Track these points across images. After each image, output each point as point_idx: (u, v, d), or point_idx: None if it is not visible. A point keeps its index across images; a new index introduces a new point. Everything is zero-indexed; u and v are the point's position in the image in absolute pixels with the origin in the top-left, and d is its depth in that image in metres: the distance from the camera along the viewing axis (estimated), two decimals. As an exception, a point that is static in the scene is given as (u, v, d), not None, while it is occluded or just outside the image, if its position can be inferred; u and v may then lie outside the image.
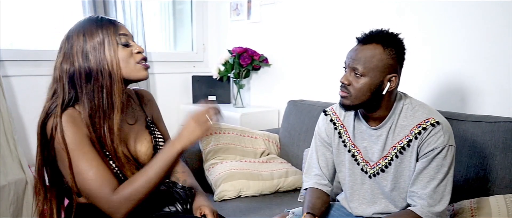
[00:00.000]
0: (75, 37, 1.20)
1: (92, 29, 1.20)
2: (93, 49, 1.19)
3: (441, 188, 1.29)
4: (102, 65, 1.19)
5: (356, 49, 1.32)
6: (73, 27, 1.23)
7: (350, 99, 1.33)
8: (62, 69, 1.20)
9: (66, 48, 1.21)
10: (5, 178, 2.08)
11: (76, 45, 1.19)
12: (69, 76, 1.19)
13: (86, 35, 1.19)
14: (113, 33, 1.22)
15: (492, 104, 1.81)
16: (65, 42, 1.22)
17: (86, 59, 1.18)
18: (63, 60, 1.20)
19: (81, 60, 1.18)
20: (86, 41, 1.19)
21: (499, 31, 1.77)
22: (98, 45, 1.19)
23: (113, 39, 1.21)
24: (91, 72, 1.19)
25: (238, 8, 3.05)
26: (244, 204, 1.97)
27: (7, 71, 2.36)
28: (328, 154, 1.54)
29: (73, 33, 1.21)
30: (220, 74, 2.94)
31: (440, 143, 1.27)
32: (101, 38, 1.20)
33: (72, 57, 1.19)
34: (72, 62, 1.19)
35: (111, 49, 1.20)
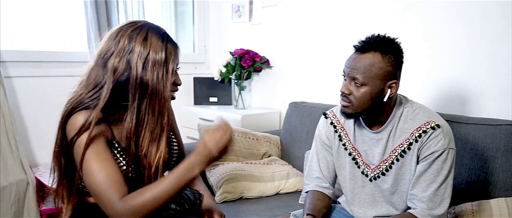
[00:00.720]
0: (138, 41, 1.15)
1: (157, 42, 1.17)
2: (154, 64, 1.15)
3: (441, 191, 1.29)
4: (159, 87, 1.16)
5: (354, 58, 1.31)
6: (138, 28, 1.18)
7: (352, 108, 1.33)
8: (116, 68, 1.15)
9: (126, 48, 1.15)
10: (6, 179, 2.08)
11: (138, 51, 1.15)
12: (120, 79, 1.15)
13: (151, 46, 1.16)
14: (173, 58, 1.20)
15: (493, 107, 1.81)
16: (125, 40, 1.16)
17: (144, 70, 1.15)
18: (120, 59, 1.15)
19: (140, 68, 1.14)
20: (149, 52, 1.15)
21: (500, 34, 1.77)
22: (159, 63, 1.16)
23: (172, 64, 1.19)
24: (147, 86, 1.16)
25: (240, 10, 3.05)
26: (246, 206, 1.97)
27: (8, 72, 2.37)
28: (328, 157, 1.54)
29: (138, 36, 1.16)
30: (221, 76, 2.94)
31: (440, 146, 1.27)
32: (164, 56, 1.16)
33: (131, 61, 1.14)
34: (130, 66, 1.15)
35: (169, 75, 1.18)
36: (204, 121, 2.86)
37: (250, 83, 3.08)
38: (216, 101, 3.11)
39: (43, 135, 2.45)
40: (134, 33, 1.17)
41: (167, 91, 1.18)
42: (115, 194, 1.12)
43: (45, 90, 2.46)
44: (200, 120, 2.89)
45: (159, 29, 1.21)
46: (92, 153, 1.14)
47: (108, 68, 1.15)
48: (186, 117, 3.09)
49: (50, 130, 1.28)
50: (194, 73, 3.18)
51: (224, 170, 2.11)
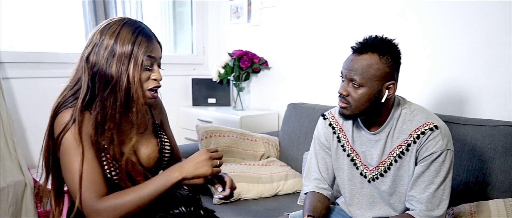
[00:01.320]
0: (108, 34, 1.16)
1: (127, 35, 1.17)
2: (120, 56, 1.15)
3: (439, 192, 1.29)
4: (122, 78, 1.16)
5: (351, 59, 1.31)
6: (111, 23, 1.19)
7: (350, 109, 1.33)
8: (88, 61, 1.17)
9: (97, 41, 1.17)
10: (4, 180, 2.08)
11: (107, 43, 1.16)
12: (92, 73, 1.17)
13: (119, 39, 1.16)
14: (143, 51, 1.18)
15: (492, 108, 1.81)
16: (98, 35, 1.18)
17: (108, 63, 1.15)
18: (91, 51, 1.17)
19: (105, 62, 1.15)
20: (117, 44, 1.16)
21: (499, 35, 1.77)
22: (125, 56, 1.16)
23: (141, 57, 1.17)
24: (110, 79, 1.16)
25: (238, 11, 3.05)
26: (244, 207, 1.97)
27: (7, 73, 2.36)
28: (327, 158, 1.54)
29: (109, 29, 1.17)
30: (220, 77, 2.94)
31: (439, 147, 1.27)
32: (130, 48, 1.16)
33: (99, 53, 1.16)
34: (98, 58, 1.16)
35: (137, 67, 1.17)
36: (202, 122, 2.86)
37: (249, 85, 3.08)
38: (214, 102, 3.11)
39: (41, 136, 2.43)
40: (107, 27, 1.18)
41: (134, 85, 1.17)
42: (93, 194, 1.13)
43: (43, 91, 2.45)
44: (199, 121, 2.89)
45: (135, 23, 1.21)
46: (74, 151, 1.14)
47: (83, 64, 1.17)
48: (184, 118, 3.09)
49: (48, 131, 1.28)
50: (193, 75, 3.18)
51: (222, 171, 2.11)
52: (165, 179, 1.16)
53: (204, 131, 2.31)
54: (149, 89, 1.22)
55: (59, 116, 1.16)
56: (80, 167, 1.13)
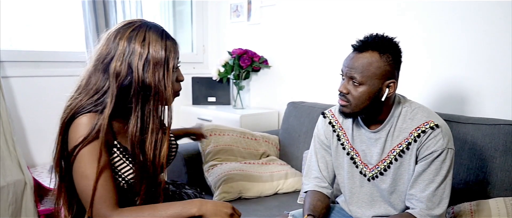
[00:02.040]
0: (138, 43, 1.13)
1: (156, 41, 1.15)
2: (154, 64, 1.14)
3: (440, 191, 1.28)
4: (161, 87, 1.15)
5: (352, 57, 1.31)
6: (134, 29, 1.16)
7: (350, 107, 1.33)
8: (119, 72, 1.13)
9: (126, 50, 1.13)
10: (4, 179, 2.08)
11: (139, 53, 1.13)
12: (123, 83, 1.14)
13: (151, 46, 1.14)
14: (174, 54, 1.18)
15: (492, 107, 1.81)
16: (124, 42, 1.14)
17: (145, 71, 1.13)
18: (121, 63, 1.13)
19: (141, 71, 1.13)
20: (149, 52, 1.13)
21: (499, 34, 1.77)
22: (160, 63, 1.14)
23: (172, 62, 1.17)
24: (149, 89, 1.14)
25: (238, 9, 3.05)
26: (244, 206, 1.96)
27: (6, 72, 2.36)
28: (327, 157, 1.54)
29: (137, 37, 1.14)
30: (220, 75, 2.94)
31: (439, 146, 1.27)
32: (164, 55, 1.15)
33: (132, 64, 1.13)
34: (131, 69, 1.13)
35: (170, 73, 1.16)
36: (202, 120, 2.86)
37: (249, 83, 3.08)
38: (214, 101, 3.10)
39: (41, 135, 2.45)
40: (133, 34, 1.14)
41: (169, 90, 1.17)
42: (107, 202, 1.12)
43: (43, 90, 2.45)
44: (199, 119, 2.89)
45: (157, 27, 1.20)
46: (90, 156, 1.12)
47: (110, 74, 1.13)
48: (184, 116, 3.09)
49: (48, 130, 1.28)
50: (193, 73, 3.18)
51: (222, 170, 2.11)
52: (183, 209, 1.15)
53: (204, 130, 2.31)
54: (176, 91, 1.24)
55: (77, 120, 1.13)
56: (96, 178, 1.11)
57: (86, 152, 1.12)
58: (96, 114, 1.14)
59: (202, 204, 1.17)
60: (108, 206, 1.12)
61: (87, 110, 1.14)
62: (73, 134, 1.13)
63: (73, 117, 1.14)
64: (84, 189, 1.13)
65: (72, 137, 1.13)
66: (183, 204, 1.16)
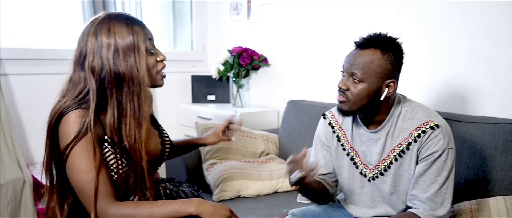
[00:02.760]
0: (104, 36, 1.15)
1: (122, 28, 1.16)
2: (124, 51, 1.15)
3: (442, 192, 1.28)
4: (134, 72, 1.16)
5: (354, 54, 1.31)
6: (98, 23, 1.17)
7: (348, 105, 1.32)
8: (93, 70, 1.15)
9: (95, 46, 1.15)
10: (3, 177, 2.07)
11: (106, 45, 1.14)
12: (99, 79, 1.15)
13: (116, 34, 1.15)
14: (143, 36, 1.19)
15: (493, 106, 1.81)
16: (92, 38, 1.15)
17: (116, 61, 1.14)
18: (93, 59, 1.15)
19: (112, 61, 1.14)
20: (117, 40, 1.15)
21: (500, 33, 1.76)
22: (128, 49, 1.15)
23: (143, 44, 1.18)
24: (122, 77, 1.15)
25: (238, 7, 3.04)
26: (243, 204, 1.96)
27: (6, 69, 2.35)
28: (328, 157, 1.53)
29: (101, 29, 1.16)
30: (219, 74, 2.93)
31: (440, 146, 1.26)
32: (131, 40, 1.16)
33: (102, 57, 1.14)
34: (102, 63, 1.14)
35: (141, 55, 1.17)
36: (202, 119, 2.85)
37: (248, 82, 3.08)
38: (214, 99, 3.10)
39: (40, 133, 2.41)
40: (98, 28, 1.16)
41: (142, 73, 1.17)
42: (104, 195, 1.13)
43: (42, 88, 2.43)
44: (198, 118, 2.88)
45: (121, 15, 1.21)
46: (82, 152, 1.13)
47: (86, 71, 1.15)
48: (184, 115, 3.09)
49: (47, 128, 1.27)
50: (192, 71, 3.18)
51: (221, 169, 2.11)
52: (181, 207, 1.15)
53: (204, 128, 2.31)
54: (158, 72, 1.24)
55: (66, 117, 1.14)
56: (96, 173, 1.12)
57: (78, 148, 1.13)
58: (84, 110, 1.15)
59: (200, 203, 1.17)
60: (104, 199, 1.13)
61: (74, 108, 1.15)
62: (64, 131, 1.14)
63: (60, 116, 1.15)
64: (79, 183, 1.14)
65: (63, 135, 1.15)
66: (182, 202, 1.17)
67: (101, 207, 1.12)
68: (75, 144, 1.12)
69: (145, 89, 1.19)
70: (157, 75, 1.24)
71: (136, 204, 1.16)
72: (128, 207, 1.14)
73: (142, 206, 1.15)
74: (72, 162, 1.14)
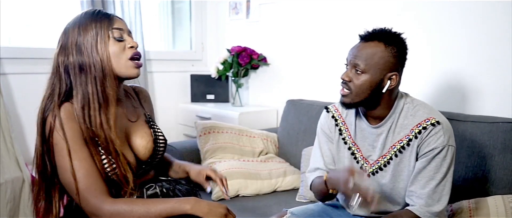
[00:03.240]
0: (71, 31, 1.21)
1: (87, 23, 1.21)
2: (86, 42, 1.19)
3: (440, 188, 1.29)
4: (94, 58, 1.19)
5: (358, 46, 1.33)
6: (71, 21, 1.24)
7: (351, 97, 1.33)
8: (58, 61, 1.21)
9: (63, 41, 1.22)
10: (2, 177, 2.07)
11: (71, 38, 1.20)
12: (64, 68, 1.20)
13: (81, 29, 1.20)
14: (106, 27, 1.21)
15: (492, 105, 1.81)
16: (62, 36, 1.23)
17: (79, 53, 1.19)
18: (59, 52, 1.22)
19: (75, 54, 1.19)
20: (81, 34, 1.19)
21: (500, 32, 1.77)
22: (91, 39, 1.19)
23: (106, 33, 1.21)
24: (84, 64, 1.18)
25: (237, 7, 3.04)
26: (242, 203, 1.97)
27: (5, 69, 2.35)
28: (333, 149, 1.52)
29: (70, 27, 1.22)
30: (218, 73, 2.93)
31: (440, 143, 1.27)
32: (94, 32, 1.20)
33: (67, 50, 1.20)
34: (67, 54, 1.20)
35: (103, 43, 1.20)
36: (201, 118, 2.85)
37: (247, 81, 3.08)
38: (213, 98, 3.10)
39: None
40: (67, 26, 1.23)
41: (105, 59, 1.19)
42: (96, 192, 1.14)
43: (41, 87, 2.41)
44: (197, 117, 2.88)
45: (88, 11, 1.25)
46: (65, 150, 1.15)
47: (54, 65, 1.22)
48: (183, 114, 3.09)
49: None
50: (191, 71, 3.18)
51: (221, 168, 2.11)
52: (176, 205, 1.15)
53: (203, 127, 2.31)
54: (130, 59, 1.24)
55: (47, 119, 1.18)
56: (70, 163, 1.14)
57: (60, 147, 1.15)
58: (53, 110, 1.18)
59: (196, 202, 1.16)
60: (97, 196, 1.13)
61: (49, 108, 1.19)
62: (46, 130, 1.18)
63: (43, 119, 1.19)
64: (67, 182, 1.15)
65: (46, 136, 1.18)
66: (178, 201, 1.17)
67: (96, 204, 1.12)
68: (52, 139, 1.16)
69: (109, 75, 1.20)
70: (127, 62, 1.23)
71: (132, 201, 1.16)
72: (124, 203, 1.14)
73: (138, 203, 1.15)
74: (59, 161, 1.16)
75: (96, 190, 1.14)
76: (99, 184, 1.15)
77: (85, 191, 1.13)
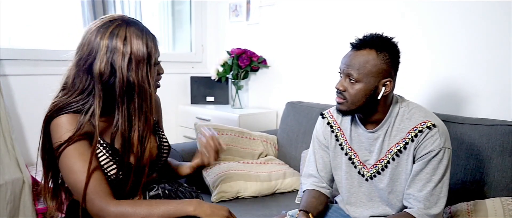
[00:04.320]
0: (120, 41, 1.14)
1: (137, 38, 1.16)
2: (137, 62, 1.15)
3: (437, 191, 1.29)
4: (144, 84, 1.17)
5: (350, 55, 1.33)
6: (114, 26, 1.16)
7: (346, 105, 1.34)
8: (102, 72, 1.14)
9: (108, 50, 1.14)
10: (2, 178, 2.07)
11: (121, 50, 1.14)
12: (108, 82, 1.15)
13: (132, 44, 1.15)
14: (155, 50, 1.20)
15: (490, 108, 1.82)
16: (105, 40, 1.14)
17: (129, 70, 1.14)
18: (105, 62, 1.13)
19: (126, 70, 1.14)
20: (132, 50, 1.15)
21: (498, 35, 1.77)
22: (142, 60, 1.16)
23: (154, 57, 1.19)
24: (133, 87, 1.15)
25: (237, 9, 3.05)
26: (242, 205, 1.97)
27: (5, 70, 2.36)
28: (326, 157, 1.55)
29: (117, 35, 1.15)
30: (218, 75, 2.94)
31: (436, 146, 1.28)
32: (145, 52, 1.16)
33: (115, 62, 1.13)
34: (114, 68, 1.14)
35: (152, 69, 1.18)
36: (201, 120, 2.86)
37: (247, 83, 3.08)
38: (213, 100, 3.11)
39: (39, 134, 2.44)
40: (114, 32, 1.15)
41: (152, 87, 1.19)
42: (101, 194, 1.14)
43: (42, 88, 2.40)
44: (197, 119, 2.89)
45: (137, 23, 1.20)
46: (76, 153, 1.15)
47: (94, 74, 1.14)
48: (183, 116, 3.09)
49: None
50: (191, 73, 3.18)
51: (220, 170, 2.11)
52: (179, 207, 1.16)
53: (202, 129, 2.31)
54: (156, 81, 1.26)
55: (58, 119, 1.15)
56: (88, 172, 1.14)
57: (72, 149, 1.14)
58: (78, 114, 1.16)
59: (199, 204, 1.17)
60: (103, 198, 1.14)
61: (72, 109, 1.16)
62: (54, 133, 1.16)
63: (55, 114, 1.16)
64: (74, 184, 1.15)
65: (53, 136, 1.16)
66: (180, 202, 1.17)
67: (101, 206, 1.13)
68: (68, 145, 1.13)
69: (152, 102, 1.20)
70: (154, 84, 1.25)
71: (135, 202, 1.17)
72: (128, 205, 1.15)
73: (141, 204, 1.16)
74: (65, 163, 1.15)
75: (101, 191, 1.14)
76: (104, 186, 1.16)
77: (92, 194, 1.14)
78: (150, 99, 1.19)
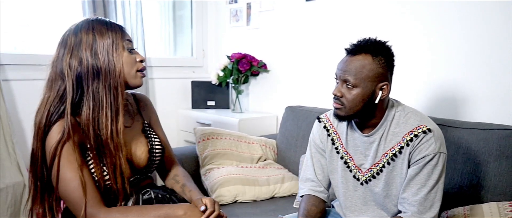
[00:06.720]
0: (84, 34, 1.20)
1: (101, 29, 1.21)
2: (103, 48, 1.19)
3: (431, 195, 1.29)
4: (111, 66, 1.19)
5: (345, 61, 1.33)
6: (81, 23, 1.23)
7: (344, 110, 1.34)
8: (70, 65, 1.19)
9: (74, 43, 1.20)
10: (3, 181, 2.09)
11: (85, 41, 1.19)
12: (76, 74, 1.19)
13: (96, 34, 1.20)
14: (120, 37, 1.23)
15: (487, 112, 1.82)
16: (72, 37, 1.20)
17: (94, 57, 1.18)
18: (69, 54, 1.19)
19: (90, 57, 1.18)
20: (96, 39, 1.19)
21: (496, 39, 1.77)
22: (107, 46, 1.20)
23: (120, 42, 1.22)
24: (99, 70, 1.19)
25: (238, 14, 3.07)
26: (240, 209, 1.97)
27: (7, 75, 2.38)
28: (323, 161, 1.55)
29: (82, 29, 1.21)
30: (219, 79, 2.95)
31: (432, 150, 1.28)
32: (110, 39, 1.21)
33: (80, 53, 1.18)
34: (80, 58, 1.18)
35: (119, 52, 1.21)
36: (201, 124, 2.87)
37: (248, 87, 3.09)
38: (213, 105, 3.12)
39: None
40: (77, 28, 1.21)
41: (119, 68, 1.21)
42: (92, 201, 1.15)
43: (43, 93, 2.46)
44: (198, 123, 2.90)
45: (98, 18, 1.26)
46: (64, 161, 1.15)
47: (64, 70, 1.18)
48: (183, 120, 3.10)
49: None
50: (192, 77, 3.20)
51: (219, 174, 2.12)
52: (169, 211, 1.17)
53: (202, 134, 2.33)
54: (138, 70, 1.27)
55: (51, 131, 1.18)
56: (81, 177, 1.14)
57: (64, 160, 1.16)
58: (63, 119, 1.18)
59: (189, 208, 1.18)
60: (94, 205, 1.15)
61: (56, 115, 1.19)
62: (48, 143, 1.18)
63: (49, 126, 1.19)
64: (65, 192, 1.16)
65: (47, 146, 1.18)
66: (171, 207, 1.18)
67: (91, 213, 1.14)
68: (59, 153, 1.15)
69: (121, 84, 1.22)
70: (136, 73, 1.27)
71: (126, 209, 1.18)
72: (118, 211, 1.16)
73: (132, 210, 1.17)
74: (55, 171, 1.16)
75: (91, 199, 1.15)
76: (94, 193, 1.17)
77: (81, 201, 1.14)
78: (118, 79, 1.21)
